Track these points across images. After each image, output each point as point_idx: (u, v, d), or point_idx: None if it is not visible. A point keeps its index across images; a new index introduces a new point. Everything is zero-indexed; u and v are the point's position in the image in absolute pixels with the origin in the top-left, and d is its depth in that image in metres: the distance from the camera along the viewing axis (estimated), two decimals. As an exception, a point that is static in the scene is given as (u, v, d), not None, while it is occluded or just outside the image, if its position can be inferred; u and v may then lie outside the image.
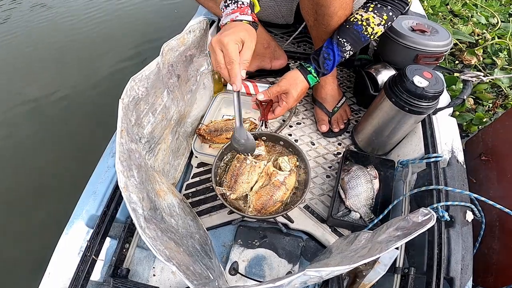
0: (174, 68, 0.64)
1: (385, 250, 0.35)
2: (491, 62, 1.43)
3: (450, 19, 1.73)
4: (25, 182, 1.23)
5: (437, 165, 0.62)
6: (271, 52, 0.95)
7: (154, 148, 0.62)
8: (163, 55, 0.57)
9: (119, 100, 0.47)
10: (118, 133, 0.44)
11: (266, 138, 0.72)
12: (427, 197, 0.59)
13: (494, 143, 0.76)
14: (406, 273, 0.53)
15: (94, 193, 0.62)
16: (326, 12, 0.64)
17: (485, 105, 1.26)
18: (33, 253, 0.99)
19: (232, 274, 0.60)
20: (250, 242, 0.64)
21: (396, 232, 0.40)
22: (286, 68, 1.01)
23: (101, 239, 0.56)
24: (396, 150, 0.79)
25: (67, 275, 0.53)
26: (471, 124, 1.18)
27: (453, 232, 0.56)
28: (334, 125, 0.85)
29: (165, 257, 0.37)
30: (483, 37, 1.53)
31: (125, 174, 0.42)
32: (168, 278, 0.62)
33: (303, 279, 0.35)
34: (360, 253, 0.41)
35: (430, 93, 0.60)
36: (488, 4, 1.80)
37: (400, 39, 0.79)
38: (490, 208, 0.58)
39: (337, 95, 0.85)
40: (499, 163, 0.73)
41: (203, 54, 0.76)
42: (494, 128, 0.79)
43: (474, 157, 0.77)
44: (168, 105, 0.64)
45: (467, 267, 0.53)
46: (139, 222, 0.39)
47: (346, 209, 0.69)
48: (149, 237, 0.38)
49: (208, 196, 0.74)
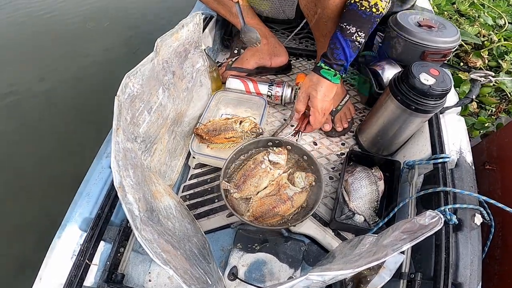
0: (169, 65, 0.63)
1: (391, 254, 0.34)
2: (496, 65, 1.42)
3: (456, 19, 1.72)
4: (8, 181, 1.21)
5: (445, 166, 0.62)
6: (270, 49, 0.94)
7: (150, 148, 0.61)
8: (157, 51, 0.57)
9: (115, 98, 0.46)
10: (114, 132, 0.44)
11: (291, 148, 0.71)
12: (434, 200, 0.59)
13: (500, 152, 0.76)
14: (413, 278, 0.53)
15: (88, 194, 0.61)
16: (326, 5, 0.64)
17: (488, 110, 1.25)
18: (18, 257, 0.98)
19: (231, 280, 0.60)
20: (250, 246, 0.63)
21: (402, 236, 0.39)
22: (287, 65, 1.00)
23: (95, 243, 0.55)
24: (402, 151, 0.78)
25: (60, 280, 0.52)
26: (473, 128, 1.18)
27: (461, 236, 0.55)
28: (337, 124, 0.84)
29: (162, 260, 0.36)
30: (489, 39, 1.52)
31: (120, 174, 0.42)
32: (165, 284, 0.62)
33: (305, 284, 0.35)
34: (365, 257, 0.40)
35: (437, 91, 0.59)
36: (495, 5, 1.79)
37: (406, 35, 0.78)
38: (495, 213, 0.57)
39: (340, 92, 0.85)
40: (504, 173, 0.72)
41: (198, 50, 0.75)
42: (499, 137, 0.78)
43: (478, 165, 0.76)
44: (164, 103, 0.63)
45: (476, 272, 0.52)
46: (135, 224, 0.39)
47: (349, 212, 0.69)
48: (146, 240, 0.38)
49: (207, 198, 0.73)
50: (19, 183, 1.20)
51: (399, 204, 0.63)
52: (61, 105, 1.48)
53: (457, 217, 0.56)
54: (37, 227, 1.03)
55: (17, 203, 1.15)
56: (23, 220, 1.10)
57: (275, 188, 0.65)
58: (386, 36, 0.86)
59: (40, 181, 1.20)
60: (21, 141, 1.34)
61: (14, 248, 1.02)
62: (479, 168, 0.78)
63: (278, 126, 0.87)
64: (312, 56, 1.08)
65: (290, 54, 1.06)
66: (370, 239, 0.48)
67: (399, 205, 0.63)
